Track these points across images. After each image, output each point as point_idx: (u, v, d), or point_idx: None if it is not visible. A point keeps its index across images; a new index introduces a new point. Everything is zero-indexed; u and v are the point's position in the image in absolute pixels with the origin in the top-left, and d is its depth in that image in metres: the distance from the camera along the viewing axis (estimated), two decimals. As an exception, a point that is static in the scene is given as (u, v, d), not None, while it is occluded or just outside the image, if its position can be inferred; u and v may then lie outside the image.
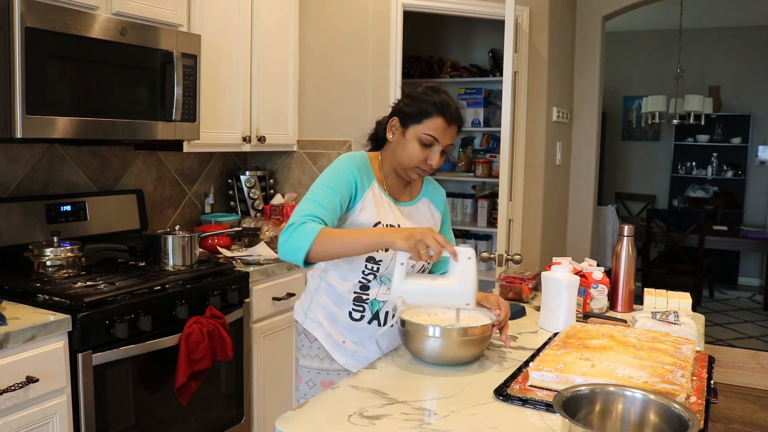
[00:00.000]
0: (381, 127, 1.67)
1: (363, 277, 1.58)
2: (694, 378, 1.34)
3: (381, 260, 1.56)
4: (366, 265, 1.57)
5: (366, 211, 1.55)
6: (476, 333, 1.39)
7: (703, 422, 1.12)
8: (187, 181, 2.98)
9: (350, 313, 1.60)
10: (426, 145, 1.54)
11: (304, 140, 3.23)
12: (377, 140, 1.70)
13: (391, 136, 1.60)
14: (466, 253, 1.37)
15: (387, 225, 1.56)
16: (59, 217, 2.29)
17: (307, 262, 1.45)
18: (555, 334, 1.63)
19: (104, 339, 1.84)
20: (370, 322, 1.60)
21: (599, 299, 1.87)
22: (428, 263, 1.60)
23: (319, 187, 1.53)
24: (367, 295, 1.59)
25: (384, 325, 1.60)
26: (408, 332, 1.42)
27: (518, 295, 2.02)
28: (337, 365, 1.63)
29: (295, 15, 3.07)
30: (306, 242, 1.41)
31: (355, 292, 1.59)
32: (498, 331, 1.51)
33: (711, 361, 1.47)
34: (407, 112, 1.56)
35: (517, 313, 1.83)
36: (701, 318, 1.89)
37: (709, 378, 1.36)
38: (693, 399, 1.22)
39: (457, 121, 1.56)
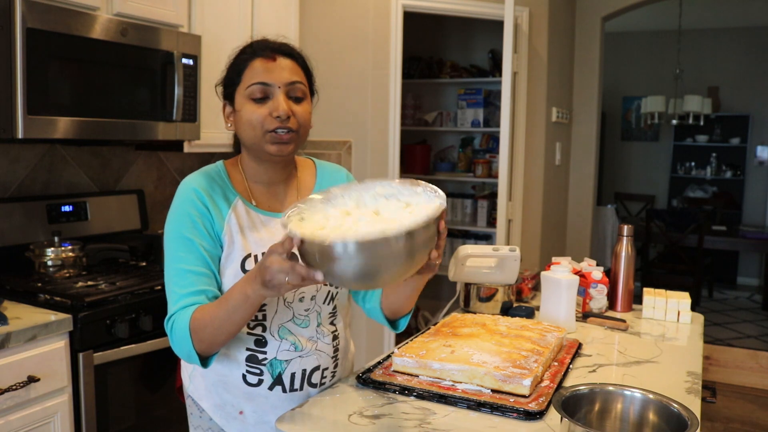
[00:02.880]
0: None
1: (250, 332, 1.23)
2: (555, 363, 1.39)
3: (264, 305, 1.21)
4: None
5: (234, 244, 1.20)
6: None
7: (546, 403, 1.18)
8: (188, 181, 2.98)
9: (244, 376, 1.24)
10: (260, 99, 1.19)
11: (304, 140, 3.24)
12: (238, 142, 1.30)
13: (230, 125, 1.25)
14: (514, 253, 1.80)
15: (262, 254, 1.19)
16: (60, 217, 2.29)
17: (209, 359, 1.18)
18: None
19: (105, 339, 1.85)
20: (271, 388, 1.24)
21: (598, 299, 1.87)
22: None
23: (170, 246, 1.19)
24: (264, 353, 1.23)
25: (290, 391, 1.25)
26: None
27: (518, 295, 2.02)
28: None
29: (295, 15, 3.07)
30: (187, 347, 1.13)
31: (248, 349, 1.23)
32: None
33: (578, 347, 1.54)
34: (226, 82, 1.25)
35: (527, 315, 1.83)
36: (700, 318, 1.90)
37: (570, 363, 1.42)
38: (546, 383, 1.28)
39: (279, 51, 1.22)
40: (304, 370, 1.26)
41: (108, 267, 2.25)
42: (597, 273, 1.90)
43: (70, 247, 2.11)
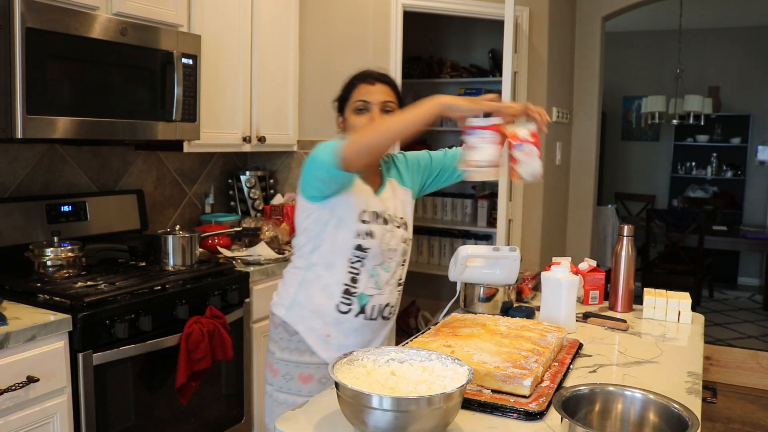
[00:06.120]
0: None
1: (351, 267, 1.59)
2: (555, 363, 1.39)
3: (368, 248, 1.58)
4: (354, 253, 1.58)
5: (353, 196, 1.58)
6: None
7: (547, 404, 1.17)
8: (188, 181, 2.98)
9: (338, 305, 1.61)
10: (360, 111, 1.62)
11: (304, 140, 3.23)
12: None
13: (340, 130, 1.70)
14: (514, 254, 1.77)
15: (372, 211, 1.59)
16: (60, 217, 2.29)
17: (349, 164, 1.40)
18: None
19: (105, 339, 1.85)
20: (357, 315, 1.62)
21: (527, 162, 1.44)
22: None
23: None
24: (356, 288, 1.60)
25: (369, 319, 1.63)
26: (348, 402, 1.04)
27: (518, 295, 2.02)
28: (317, 359, 1.62)
29: (295, 15, 3.07)
30: (346, 140, 1.39)
31: (344, 284, 1.60)
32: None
33: (579, 347, 1.54)
34: (339, 99, 1.69)
35: (527, 315, 1.82)
36: (701, 318, 1.89)
37: (570, 363, 1.42)
38: (546, 383, 1.27)
39: (379, 79, 1.64)
40: (380, 305, 1.63)
41: (107, 267, 2.25)
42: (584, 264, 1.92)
43: (69, 247, 2.10)
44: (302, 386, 1.62)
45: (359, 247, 1.58)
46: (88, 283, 1.99)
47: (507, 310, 1.83)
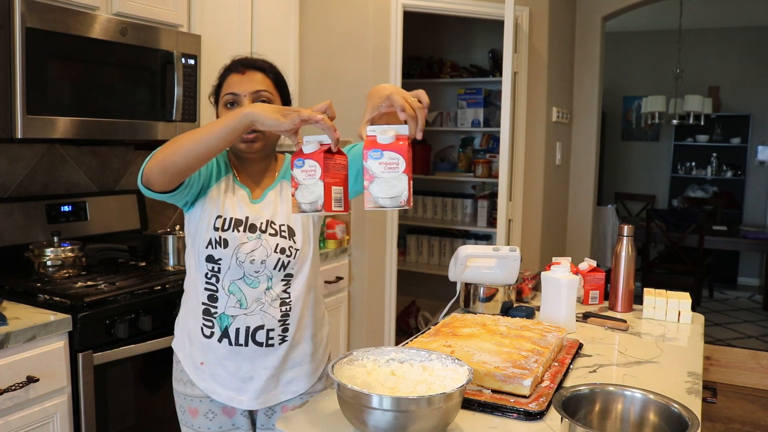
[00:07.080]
0: None
1: (207, 282, 1.41)
2: (555, 363, 1.39)
3: (220, 259, 1.39)
4: (206, 266, 1.40)
5: (210, 201, 1.42)
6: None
7: (547, 404, 1.17)
8: (187, 181, 2.98)
9: (201, 328, 1.43)
10: (231, 105, 1.43)
11: (304, 140, 3.23)
12: None
13: None
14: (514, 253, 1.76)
15: (230, 218, 1.40)
16: (60, 217, 2.29)
17: (149, 184, 1.29)
18: None
19: (105, 339, 1.85)
20: (220, 341, 1.41)
21: (389, 181, 1.12)
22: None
23: None
24: (215, 307, 1.41)
25: (235, 345, 1.41)
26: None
27: (518, 295, 2.02)
28: (198, 391, 1.46)
29: (295, 15, 3.06)
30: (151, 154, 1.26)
31: (203, 303, 1.42)
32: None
33: (579, 347, 1.54)
34: (214, 94, 1.51)
35: (527, 315, 1.82)
36: (701, 318, 1.89)
37: (570, 363, 1.42)
38: (546, 383, 1.27)
39: (249, 66, 1.45)
40: (248, 327, 1.40)
41: (107, 267, 2.25)
42: (584, 264, 1.92)
43: (69, 247, 2.10)
44: (193, 420, 1.49)
45: (210, 258, 1.39)
46: (88, 283, 1.99)
47: (507, 310, 1.83)
